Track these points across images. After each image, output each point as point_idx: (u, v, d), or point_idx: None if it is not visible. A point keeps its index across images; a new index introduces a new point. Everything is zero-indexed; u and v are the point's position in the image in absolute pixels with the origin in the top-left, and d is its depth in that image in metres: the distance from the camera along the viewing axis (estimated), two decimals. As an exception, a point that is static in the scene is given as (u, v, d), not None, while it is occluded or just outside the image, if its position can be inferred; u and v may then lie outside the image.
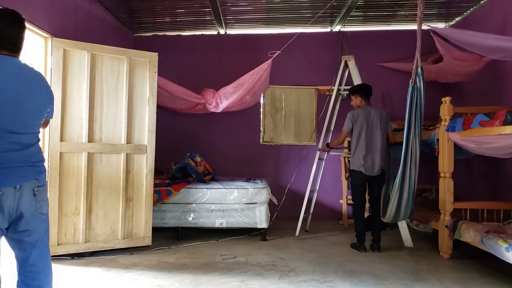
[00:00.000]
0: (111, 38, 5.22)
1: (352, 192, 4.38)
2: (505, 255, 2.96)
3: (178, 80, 5.27)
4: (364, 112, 4.17)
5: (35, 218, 2.02)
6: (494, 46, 3.71)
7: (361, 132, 4.12)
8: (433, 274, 3.42)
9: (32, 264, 2.07)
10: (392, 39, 6.02)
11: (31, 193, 1.98)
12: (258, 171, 5.95)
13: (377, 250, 4.10)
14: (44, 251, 2.12)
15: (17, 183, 1.92)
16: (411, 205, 3.91)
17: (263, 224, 4.58)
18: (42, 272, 2.11)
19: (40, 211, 2.04)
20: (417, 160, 3.78)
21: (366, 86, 4.33)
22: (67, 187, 3.64)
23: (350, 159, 4.33)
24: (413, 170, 3.78)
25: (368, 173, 4.10)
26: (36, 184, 2.01)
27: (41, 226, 2.08)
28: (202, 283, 3.09)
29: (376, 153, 4.09)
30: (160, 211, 4.47)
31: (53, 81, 3.55)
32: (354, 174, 4.21)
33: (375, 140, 4.10)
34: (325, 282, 3.16)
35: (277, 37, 5.89)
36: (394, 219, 4.03)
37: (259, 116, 6.24)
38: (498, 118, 3.14)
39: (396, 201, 3.85)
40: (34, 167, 2.02)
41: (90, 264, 3.51)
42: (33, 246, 2.05)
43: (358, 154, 4.13)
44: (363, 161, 4.08)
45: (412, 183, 3.80)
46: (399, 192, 3.82)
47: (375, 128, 4.12)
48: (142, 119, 4.02)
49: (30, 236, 2.03)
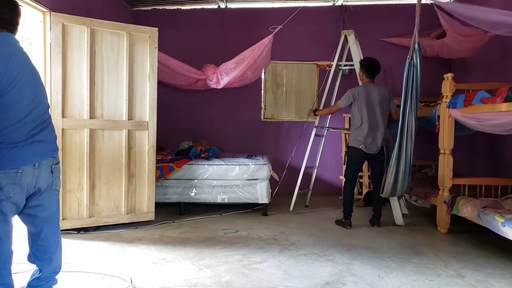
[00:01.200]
0: (110, 13, 5.14)
1: (347, 168, 4.34)
2: (501, 230, 3.02)
3: (178, 56, 5.22)
4: (365, 90, 4.10)
5: (49, 194, 2.07)
6: (499, 21, 3.66)
7: (361, 110, 4.07)
8: (430, 248, 3.50)
9: (44, 239, 2.13)
10: (395, 13, 5.92)
11: (49, 170, 2.03)
12: (259, 148, 5.98)
13: (376, 225, 4.17)
14: (56, 226, 2.18)
15: (36, 161, 1.95)
16: (408, 179, 3.96)
17: (264, 200, 4.65)
18: (53, 246, 2.17)
19: (55, 187, 2.09)
20: (413, 136, 3.80)
21: (372, 63, 4.20)
22: (70, 163, 3.68)
23: (350, 135, 4.29)
24: (409, 145, 3.81)
25: (368, 151, 4.08)
26: (53, 161, 2.05)
27: (54, 202, 2.14)
28: (205, 256, 3.17)
29: (378, 131, 4.06)
30: (162, 187, 4.53)
31: (53, 57, 3.53)
32: (353, 151, 4.17)
33: (376, 119, 4.06)
34: (325, 255, 3.24)
35: (279, 11, 5.80)
36: (392, 194, 4.07)
37: (260, 92, 6.21)
38: (499, 95, 3.14)
39: (393, 176, 3.89)
40: (51, 144, 2.06)
41: (95, 239, 3.59)
42: (46, 221, 2.11)
43: (358, 132, 4.09)
44: (363, 140, 4.05)
45: (408, 158, 3.83)
46: (396, 167, 3.85)
47: (376, 107, 4.07)
48: (143, 95, 4.01)
49: (44, 211, 2.08)
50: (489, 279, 2.80)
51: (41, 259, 2.15)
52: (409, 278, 2.78)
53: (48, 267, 2.16)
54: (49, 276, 2.17)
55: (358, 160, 4.24)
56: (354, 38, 4.75)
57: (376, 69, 4.20)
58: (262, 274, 2.81)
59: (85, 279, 2.67)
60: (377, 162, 4.19)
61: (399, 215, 4.31)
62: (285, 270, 2.90)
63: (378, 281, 2.72)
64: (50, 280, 2.18)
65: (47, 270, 2.16)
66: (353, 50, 4.76)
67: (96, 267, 2.89)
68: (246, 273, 2.83)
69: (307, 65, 6.15)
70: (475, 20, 4.06)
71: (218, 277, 2.73)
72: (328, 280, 2.72)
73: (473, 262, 3.14)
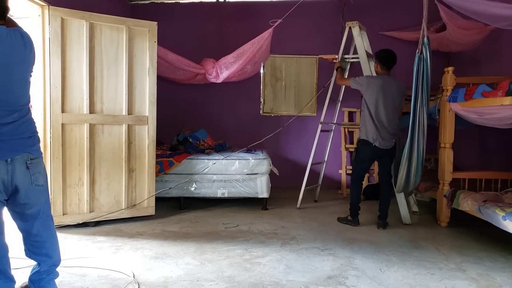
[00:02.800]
0: (108, 7, 5.10)
1: (357, 165, 4.09)
2: (502, 224, 3.04)
3: (177, 50, 5.17)
4: (383, 82, 3.86)
5: (32, 190, 2.03)
6: (499, 14, 3.64)
7: (375, 101, 3.83)
8: (431, 242, 3.51)
9: (36, 234, 2.12)
10: (395, 6, 5.89)
11: (24, 166, 1.97)
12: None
13: (382, 227, 3.90)
14: (46, 221, 2.16)
15: (7, 156, 1.91)
16: (420, 174, 3.84)
17: (264, 194, 4.65)
18: (47, 241, 2.16)
19: (36, 183, 2.04)
20: (425, 130, 3.69)
21: (388, 54, 3.96)
22: (70, 158, 3.66)
23: (361, 128, 4.00)
24: (421, 139, 3.70)
25: (382, 147, 3.86)
26: (28, 157, 1.99)
27: (40, 197, 2.10)
28: (206, 251, 3.17)
29: (391, 126, 3.87)
30: (162, 182, 4.52)
31: (52, 51, 3.50)
32: (366, 147, 3.91)
33: (391, 113, 3.86)
34: (326, 249, 3.25)
35: (278, 4, 5.76)
36: (405, 189, 3.96)
37: (259, 86, 6.19)
38: (501, 88, 3.14)
39: (405, 170, 3.78)
40: (26, 139, 2.00)
41: (96, 233, 3.58)
42: (35, 217, 2.09)
43: (372, 126, 3.85)
44: (378, 135, 3.83)
45: (420, 152, 3.72)
46: (408, 161, 3.74)
47: (393, 101, 3.86)
48: (142, 89, 3.99)
49: (31, 208, 2.06)
50: (490, 272, 2.82)
51: (37, 254, 2.15)
52: (411, 271, 2.80)
53: (46, 261, 2.16)
54: (48, 269, 2.17)
55: (370, 157, 4.02)
56: (359, 30, 4.53)
57: (392, 60, 3.97)
58: (264, 269, 2.81)
59: (87, 274, 2.66)
60: (388, 159, 3.99)
61: (406, 213, 4.14)
62: (287, 264, 2.91)
63: (380, 275, 2.73)
64: (50, 273, 2.19)
65: (46, 264, 2.16)
66: (358, 43, 4.53)
67: (97, 262, 2.88)
68: (248, 267, 2.83)
69: (307, 59, 6.12)
70: (476, 13, 4.03)
71: (221, 272, 2.74)
72: (330, 274, 2.73)
73: (474, 256, 3.15)
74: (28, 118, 2.04)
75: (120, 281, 2.55)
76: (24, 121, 2.00)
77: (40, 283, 2.15)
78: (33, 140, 2.05)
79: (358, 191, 4.08)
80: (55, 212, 3.58)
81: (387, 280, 2.64)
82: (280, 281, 2.60)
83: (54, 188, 3.58)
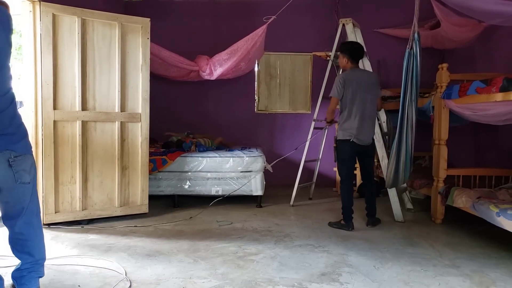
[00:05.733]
0: (100, 3, 5.03)
1: (341, 166, 3.89)
2: (496, 220, 3.04)
3: (170, 47, 5.14)
4: (355, 76, 3.75)
5: (17, 189, 1.96)
6: (494, 11, 3.64)
7: (353, 97, 3.70)
8: (425, 239, 3.51)
9: (18, 232, 2.06)
10: (389, 3, 5.89)
11: (6, 164, 1.89)
12: (253, 140, 5.95)
13: (371, 225, 3.86)
14: (31, 219, 2.08)
15: None
16: (409, 169, 3.82)
17: (258, 192, 4.63)
18: (29, 240, 2.09)
19: (20, 181, 1.95)
20: (413, 125, 3.68)
21: (355, 47, 3.87)
22: (63, 155, 3.62)
23: (339, 128, 3.85)
24: (409, 134, 3.68)
25: (361, 143, 3.74)
26: (10, 155, 1.89)
27: (24, 195, 2.02)
28: (200, 248, 3.15)
29: (369, 121, 3.78)
30: (156, 179, 4.49)
31: (43, 48, 3.45)
32: (344, 145, 3.76)
33: (367, 107, 3.74)
34: (320, 246, 3.24)
35: (272, 2, 5.72)
36: (394, 184, 3.95)
37: (253, 84, 6.17)
38: (494, 85, 3.14)
39: (394, 165, 3.78)
40: (8, 136, 1.89)
41: (88, 231, 3.55)
42: (18, 215, 2.03)
43: (350, 122, 3.72)
44: (355, 131, 3.69)
45: (409, 147, 3.71)
46: (396, 156, 3.74)
47: (367, 94, 3.73)
48: (135, 86, 3.95)
49: (14, 206, 2.01)
50: (484, 268, 2.82)
51: (19, 251, 2.09)
52: (405, 268, 2.79)
53: (27, 259, 2.10)
54: (30, 267, 2.10)
55: (351, 155, 3.81)
56: (352, 27, 4.51)
57: (361, 52, 3.89)
58: (258, 266, 2.79)
59: (79, 272, 2.63)
60: (368, 158, 3.96)
61: (398, 211, 4.10)
62: (280, 261, 2.89)
63: (374, 272, 2.72)
64: (32, 271, 2.11)
65: (27, 262, 2.10)
66: (351, 40, 4.44)
67: (89, 260, 2.85)
68: (242, 264, 2.81)
69: (301, 56, 6.11)
70: (470, 10, 4.03)
71: (214, 269, 2.71)
72: (324, 271, 2.72)
73: (468, 252, 3.15)
74: (11, 111, 1.89)
75: (112, 279, 2.52)
76: (5, 115, 1.87)
77: (21, 280, 2.09)
78: (18, 137, 1.94)
79: (348, 193, 3.82)
80: (47, 210, 3.55)
81: (381, 277, 2.63)
82: (273, 278, 2.58)
83: (46, 185, 3.54)
